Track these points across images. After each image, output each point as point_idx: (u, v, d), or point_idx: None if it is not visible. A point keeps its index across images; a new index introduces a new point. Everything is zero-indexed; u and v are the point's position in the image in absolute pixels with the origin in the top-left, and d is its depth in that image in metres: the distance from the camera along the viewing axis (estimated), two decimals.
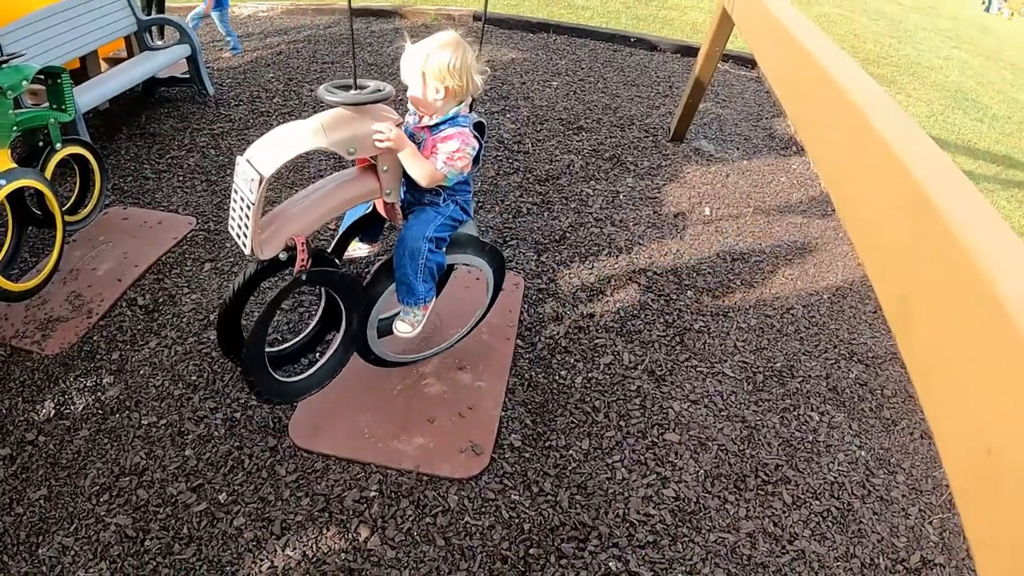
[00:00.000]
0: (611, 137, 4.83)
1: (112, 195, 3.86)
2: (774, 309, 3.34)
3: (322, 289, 2.46)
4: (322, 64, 5.63)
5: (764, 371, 2.97)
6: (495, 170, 4.31)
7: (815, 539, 2.30)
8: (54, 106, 3.15)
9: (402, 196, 2.28)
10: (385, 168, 2.13)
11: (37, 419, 2.61)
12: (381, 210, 2.37)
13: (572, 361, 2.96)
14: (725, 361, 3.01)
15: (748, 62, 6.46)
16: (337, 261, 2.36)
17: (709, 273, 3.56)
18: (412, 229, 2.24)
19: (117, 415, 2.63)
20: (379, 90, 1.99)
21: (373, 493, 2.38)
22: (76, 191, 3.50)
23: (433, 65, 2.01)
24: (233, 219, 1.97)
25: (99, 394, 2.71)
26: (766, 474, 2.51)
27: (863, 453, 2.63)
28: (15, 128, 2.89)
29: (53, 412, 2.64)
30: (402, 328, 2.40)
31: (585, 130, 4.89)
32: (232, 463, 2.47)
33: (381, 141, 2.02)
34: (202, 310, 3.09)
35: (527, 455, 2.54)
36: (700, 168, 4.59)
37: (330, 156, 4.27)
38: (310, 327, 2.63)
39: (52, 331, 2.97)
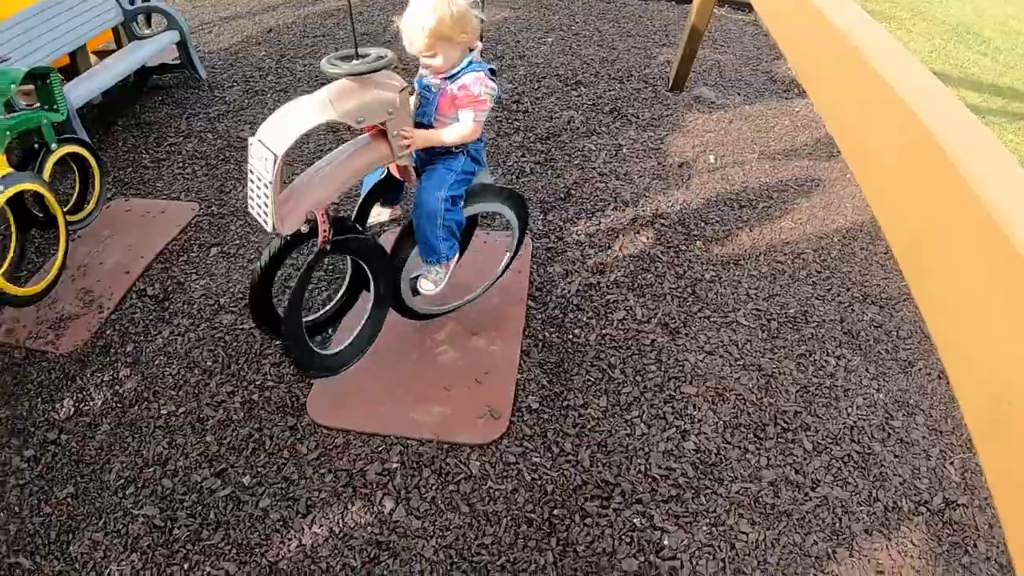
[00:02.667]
0: (610, 90, 4.73)
1: (113, 187, 3.85)
2: (785, 255, 3.29)
3: (348, 257, 2.50)
4: (313, 38, 5.55)
5: (778, 318, 2.94)
6: (495, 131, 4.25)
7: (837, 484, 2.28)
8: (45, 107, 3.13)
9: (413, 157, 2.28)
10: (395, 133, 2.12)
11: (58, 418, 2.64)
12: (395, 172, 2.36)
13: (585, 319, 2.94)
14: (738, 310, 2.98)
15: (744, 6, 6.28)
16: (360, 228, 2.38)
17: (717, 222, 3.50)
18: (426, 191, 2.25)
19: (136, 407, 2.65)
20: (381, 57, 2.00)
21: (395, 465, 2.40)
22: (76, 190, 3.49)
23: (434, 26, 2.01)
24: (252, 199, 1.98)
25: (116, 388, 2.74)
26: (785, 422, 2.50)
27: (881, 396, 2.60)
28: (8, 132, 2.87)
29: (73, 410, 2.67)
30: (426, 286, 2.45)
31: (583, 85, 4.80)
32: (253, 445, 2.49)
33: (406, 147, 2.13)
34: (212, 295, 3.10)
35: (545, 416, 2.54)
36: (702, 116, 4.50)
37: (331, 129, 4.23)
38: (339, 295, 2.66)
39: (65, 329, 2.99)
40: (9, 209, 2.99)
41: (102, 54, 4.72)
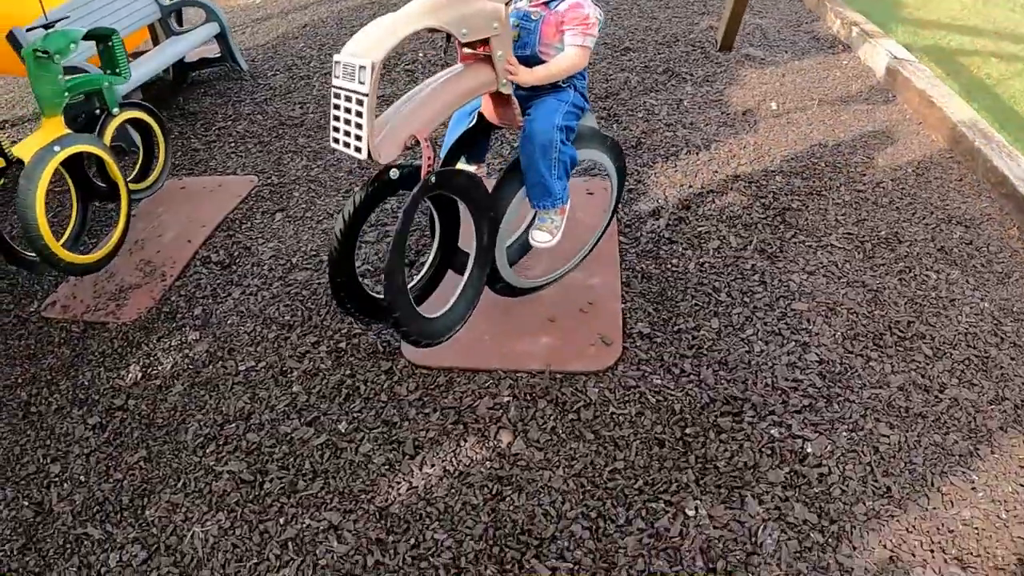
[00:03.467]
0: (659, 54, 4.60)
1: None
2: (864, 185, 3.15)
3: (432, 210, 2.13)
4: (351, 29, 5.47)
5: (871, 240, 2.79)
6: None
7: (964, 386, 2.16)
8: (107, 70, 3.00)
9: (513, 90, 2.02)
10: (500, 54, 1.90)
11: (124, 384, 2.47)
12: (491, 115, 2.12)
13: (680, 250, 2.75)
14: (830, 234, 2.83)
15: None
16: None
17: (792, 158, 3.36)
18: (539, 120, 2.02)
19: (211, 366, 2.47)
20: None
21: (507, 398, 2.19)
22: (140, 159, 3.35)
23: None
24: (337, 128, 1.71)
25: (186, 351, 2.56)
26: (900, 331, 2.36)
27: (987, 304, 2.46)
28: (66, 94, 2.74)
29: (140, 375, 2.49)
30: (541, 238, 2.19)
31: (632, 50, 4.67)
32: (347, 391, 2.29)
33: (510, 76, 1.93)
34: (282, 256, 2.93)
35: (658, 340, 2.36)
36: (755, 71, 4.36)
37: (384, 102, 4.09)
38: (430, 257, 2.24)
39: (126, 299, 2.83)
40: (69, 177, 2.85)
41: (137, 55, 4.64)
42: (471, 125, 2.19)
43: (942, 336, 2.34)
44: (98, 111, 2.96)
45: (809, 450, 1.97)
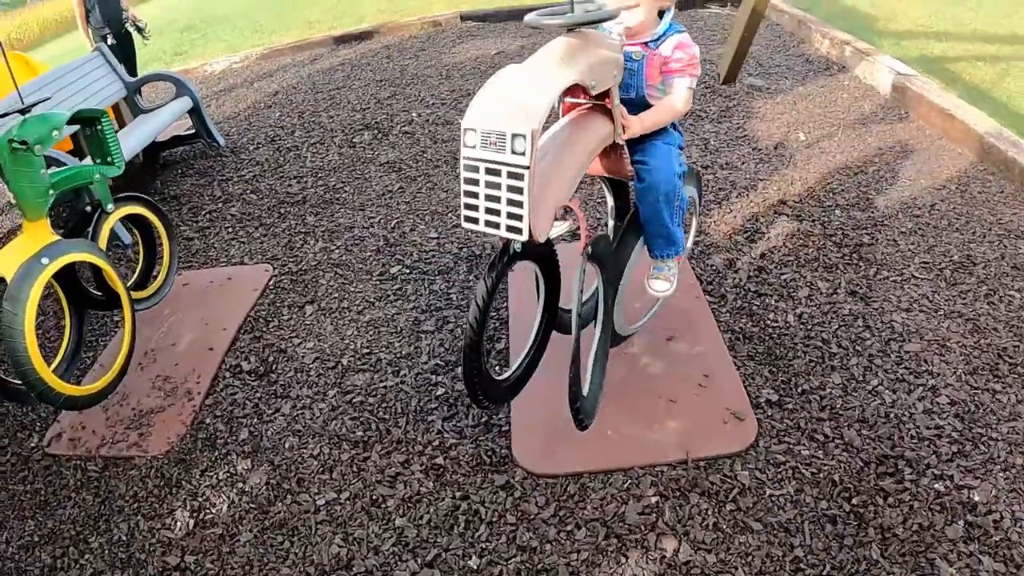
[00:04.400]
0: None
1: None
2: (919, 209, 3.06)
3: (539, 277, 1.89)
4: (328, 92, 5.18)
5: (947, 266, 2.69)
6: None
7: None
8: (96, 159, 2.59)
9: None
10: (617, 102, 1.75)
11: (174, 536, 2.05)
12: (596, 167, 1.95)
13: (772, 302, 2.55)
14: (908, 265, 2.71)
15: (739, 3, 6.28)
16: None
17: (841, 189, 3.24)
18: (660, 170, 1.89)
19: (279, 503, 2.08)
20: (601, 7, 1.66)
21: (654, 498, 1.90)
22: (140, 261, 2.91)
23: None
24: (475, 207, 1.51)
25: (241, 486, 2.16)
26: (1010, 357, 2.25)
27: None
28: (51, 192, 2.32)
29: (191, 522, 2.08)
30: (660, 287, 2.08)
31: None
32: (465, 518, 1.94)
33: (624, 134, 1.81)
34: (328, 357, 2.56)
35: (789, 406, 2.14)
36: (766, 102, 4.28)
37: (392, 168, 3.78)
38: (535, 329, 2.00)
39: (149, 427, 2.41)
40: (60, 287, 2.42)
41: None
42: None
43: None
44: (88, 208, 2.54)
45: (976, 498, 1.82)
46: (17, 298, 2.04)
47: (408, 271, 2.92)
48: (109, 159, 2.57)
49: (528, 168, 1.39)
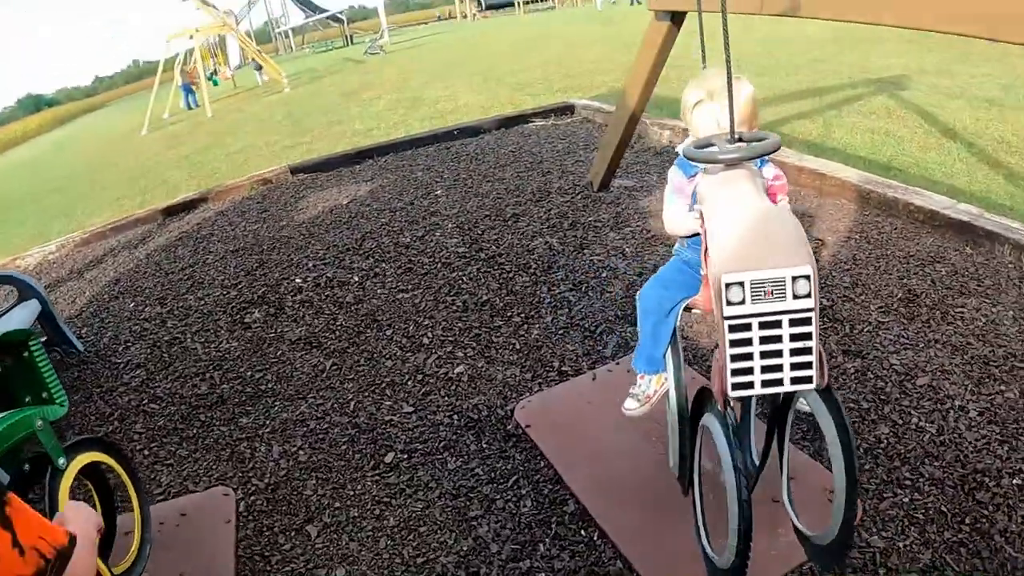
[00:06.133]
0: (549, 211, 4.52)
1: None
2: (845, 263, 3.34)
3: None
4: (181, 271, 4.51)
5: (898, 304, 2.98)
6: (516, 283, 3.70)
7: None
8: (27, 398, 1.92)
9: None
10: None
11: None
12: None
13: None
14: (871, 314, 2.94)
15: (563, 111, 6.85)
16: None
17: (851, 284, 3.22)
18: None
19: None
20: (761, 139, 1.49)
21: None
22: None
23: (751, 95, 1.74)
24: (751, 372, 1.31)
25: None
26: (996, 362, 2.53)
27: None
28: None
29: None
30: (627, 404, 2.20)
31: (519, 216, 4.50)
32: None
33: None
34: None
35: (866, 466, 2.17)
36: (645, 199, 4.54)
37: (309, 344, 3.30)
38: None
39: None
40: None
41: None
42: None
43: None
44: (27, 466, 1.85)
45: None
46: None
47: (407, 456, 2.51)
48: (46, 395, 1.93)
49: (814, 309, 1.26)
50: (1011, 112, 5.81)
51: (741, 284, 1.26)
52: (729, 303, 1.27)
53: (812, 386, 1.32)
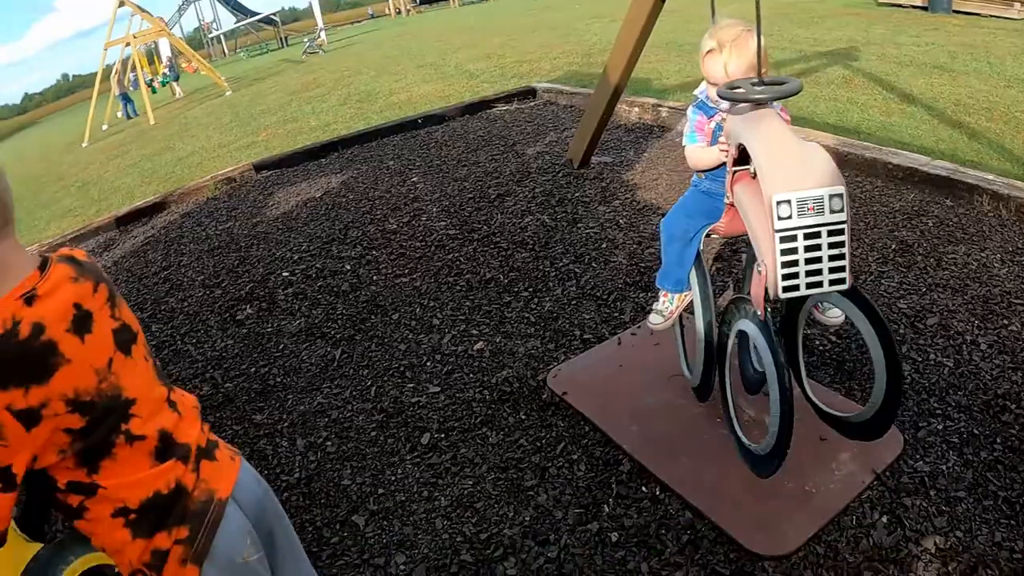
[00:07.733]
0: (534, 190, 4.49)
1: None
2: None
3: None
4: (156, 274, 4.30)
5: (894, 255, 3.10)
6: (516, 260, 3.64)
7: None
8: None
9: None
10: None
11: None
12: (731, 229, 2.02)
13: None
14: (870, 264, 3.07)
15: (525, 95, 6.93)
16: None
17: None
18: None
19: None
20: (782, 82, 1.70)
21: (883, 518, 1.84)
22: None
23: (761, 45, 1.82)
24: (796, 276, 1.53)
25: None
26: (996, 300, 2.69)
27: None
28: None
29: None
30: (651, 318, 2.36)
31: (504, 197, 4.46)
32: None
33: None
34: (442, 562, 1.98)
35: None
36: (627, 172, 4.56)
37: (313, 335, 3.20)
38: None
39: None
40: None
41: None
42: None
43: None
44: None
45: None
46: None
47: (443, 435, 2.44)
48: None
49: (847, 222, 1.50)
50: (961, 76, 6.05)
51: (789, 202, 1.48)
52: (780, 218, 1.49)
53: (846, 286, 1.54)
